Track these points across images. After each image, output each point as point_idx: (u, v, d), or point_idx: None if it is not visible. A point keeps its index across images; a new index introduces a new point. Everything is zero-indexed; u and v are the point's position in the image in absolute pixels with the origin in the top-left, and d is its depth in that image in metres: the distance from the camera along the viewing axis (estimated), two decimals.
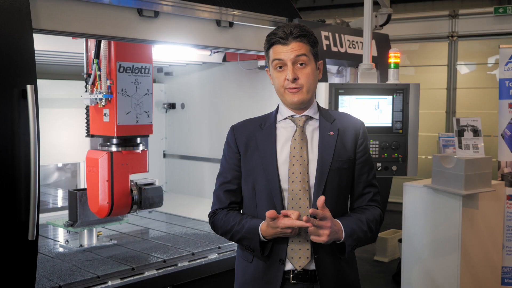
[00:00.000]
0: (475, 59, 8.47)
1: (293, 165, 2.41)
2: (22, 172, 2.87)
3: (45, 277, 3.69)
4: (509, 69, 5.04)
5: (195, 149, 6.12)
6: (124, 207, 4.11)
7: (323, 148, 2.45)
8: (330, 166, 2.42)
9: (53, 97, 5.34)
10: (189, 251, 4.30)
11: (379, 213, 2.54)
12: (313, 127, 2.50)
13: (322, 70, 2.57)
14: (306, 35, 2.42)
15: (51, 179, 6.12)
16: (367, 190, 2.55)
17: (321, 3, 11.92)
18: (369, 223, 2.45)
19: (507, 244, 5.02)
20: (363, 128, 2.54)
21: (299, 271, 2.40)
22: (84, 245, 4.42)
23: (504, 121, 5.05)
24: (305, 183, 2.40)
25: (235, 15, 4.10)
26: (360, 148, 2.51)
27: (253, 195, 2.50)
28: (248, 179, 2.51)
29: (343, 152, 2.46)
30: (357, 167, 2.52)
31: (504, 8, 7.51)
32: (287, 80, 2.39)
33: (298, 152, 2.43)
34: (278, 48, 2.41)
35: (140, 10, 3.52)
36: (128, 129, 4.05)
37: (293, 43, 2.38)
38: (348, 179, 2.51)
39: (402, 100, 4.02)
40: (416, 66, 9.01)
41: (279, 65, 2.41)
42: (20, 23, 2.86)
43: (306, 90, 2.42)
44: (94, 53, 3.93)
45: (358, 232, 2.40)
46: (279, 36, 2.40)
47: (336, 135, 2.47)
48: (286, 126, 2.51)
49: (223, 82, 5.79)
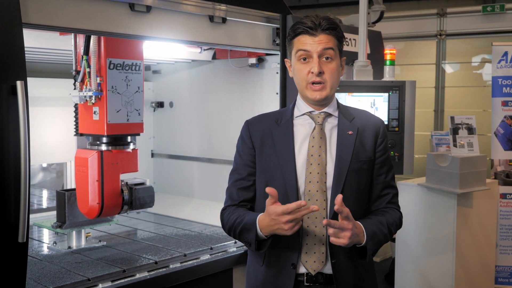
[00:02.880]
0: (463, 57, 8.48)
1: (310, 165, 2.31)
2: (12, 172, 2.75)
3: (34, 280, 3.57)
4: (502, 67, 5.03)
5: (183, 148, 6.02)
6: (115, 208, 4.01)
7: (341, 148, 2.35)
8: (349, 167, 2.33)
9: (40, 96, 5.22)
10: (181, 252, 4.21)
11: (399, 216, 2.47)
12: (331, 125, 2.41)
13: (344, 67, 2.46)
14: (336, 28, 2.32)
15: (36, 179, 6.00)
16: (385, 191, 2.46)
17: (307, 2, 11.89)
18: (389, 226, 2.38)
19: (500, 243, 5.01)
20: (383, 127, 2.46)
21: (312, 274, 2.30)
22: (73, 247, 4.30)
23: (497, 119, 5.05)
24: (322, 183, 2.30)
25: (228, 11, 4.02)
26: (379, 147, 2.43)
27: (265, 193, 2.35)
28: (262, 177, 2.41)
29: (362, 152, 2.38)
30: (376, 167, 2.43)
31: (492, 7, 7.52)
32: (311, 73, 2.28)
33: (316, 151, 2.33)
34: (305, 39, 2.30)
35: (132, 4, 3.42)
36: (119, 128, 3.93)
37: (322, 35, 2.28)
38: (368, 181, 2.42)
39: (398, 97, 3.98)
40: (403, 65, 8.99)
41: (303, 56, 2.30)
42: (9, 17, 2.75)
43: (329, 86, 2.32)
44: (83, 50, 3.82)
45: (379, 235, 2.32)
46: (308, 26, 2.28)
47: (355, 134, 2.38)
48: (304, 123, 2.40)
49: (213, 80, 5.70)
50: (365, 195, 2.43)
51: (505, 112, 4.98)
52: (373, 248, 2.29)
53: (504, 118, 5.01)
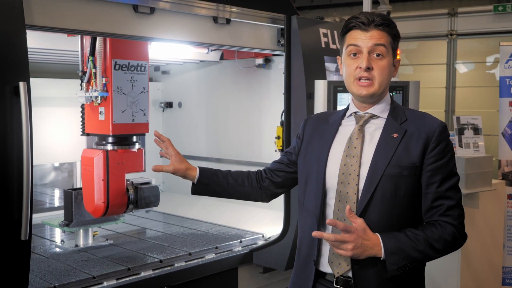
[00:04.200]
0: (474, 57, 8.43)
1: (344, 165, 2.22)
2: (15, 171, 2.80)
3: (40, 277, 3.63)
4: (509, 67, 5.00)
5: (192, 148, 6.06)
6: (120, 207, 4.05)
7: (380, 150, 2.20)
8: (384, 171, 2.16)
9: (49, 96, 5.29)
10: (186, 251, 4.25)
11: (450, 232, 2.17)
12: (376, 126, 2.27)
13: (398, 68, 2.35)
14: (390, 25, 2.23)
15: (48, 178, 6.07)
16: (438, 202, 2.19)
17: (319, 2, 11.87)
18: (431, 242, 2.15)
19: (508, 244, 4.98)
20: (439, 130, 2.20)
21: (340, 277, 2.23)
22: (80, 245, 4.37)
23: (505, 119, 5.01)
24: (354, 186, 2.19)
25: (232, 12, 4.05)
26: (431, 153, 2.18)
27: (304, 189, 2.38)
28: (303, 173, 2.41)
29: (405, 157, 2.18)
30: (426, 176, 2.19)
31: (504, 6, 7.47)
32: (359, 68, 2.19)
33: (351, 152, 2.23)
34: (356, 34, 2.21)
35: (135, 6, 3.46)
36: (124, 128, 3.98)
37: (374, 30, 2.19)
38: (411, 189, 2.19)
39: (402, 97, 3.96)
40: (415, 65, 8.96)
41: (353, 51, 2.22)
42: (13, 19, 2.80)
43: (378, 84, 2.20)
44: (89, 51, 3.87)
45: (409, 251, 2.12)
46: (360, 21, 2.21)
47: (400, 137, 2.20)
48: (350, 123, 2.32)
49: (221, 80, 5.74)
50: (405, 205, 2.20)
51: None
52: (398, 264, 2.10)
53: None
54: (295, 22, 4.31)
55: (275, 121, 4.75)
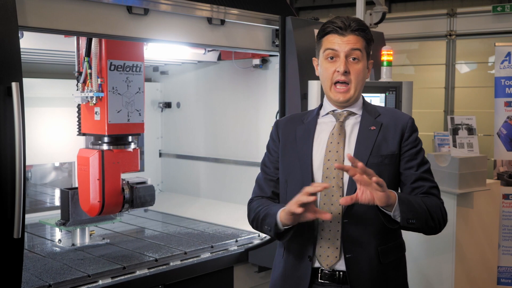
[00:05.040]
0: (473, 58, 8.43)
1: (328, 161, 2.31)
2: (8, 170, 2.84)
3: (36, 276, 3.67)
4: (505, 67, 5.01)
5: (190, 148, 6.10)
6: (116, 206, 4.09)
7: (361, 142, 2.32)
8: (367, 161, 2.27)
9: (50, 96, 5.33)
10: (182, 250, 4.28)
11: (439, 203, 2.32)
12: (354, 122, 2.39)
13: (371, 69, 2.44)
14: (365, 30, 2.33)
15: (48, 178, 6.11)
16: (418, 183, 2.33)
17: (321, 3, 11.87)
18: (428, 207, 2.24)
19: (503, 243, 4.99)
20: (411, 123, 2.38)
21: (327, 271, 2.29)
22: (77, 244, 4.41)
23: (500, 119, 5.02)
24: (339, 179, 2.28)
25: (226, 13, 4.08)
26: (406, 142, 2.35)
27: (285, 187, 2.43)
28: (284, 172, 2.44)
29: (384, 147, 2.32)
30: (403, 162, 2.35)
31: (502, 7, 7.47)
32: (337, 72, 2.29)
33: (334, 147, 2.32)
34: (334, 38, 2.30)
35: (129, 7, 3.50)
36: (119, 128, 4.03)
37: (351, 35, 2.29)
38: (392, 177, 2.34)
39: (395, 98, 3.99)
40: (416, 65, 8.96)
41: (331, 55, 2.31)
42: (5, 20, 2.84)
43: (354, 87, 2.32)
44: (85, 51, 3.91)
45: (415, 205, 2.19)
46: (337, 26, 2.29)
47: (378, 129, 2.34)
48: (327, 121, 2.41)
49: (218, 81, 5.77)
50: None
51: (508, 112, 4.96)
52: (407, 216, 2.16)
53: (507, 119, 4.98)
54: (290, 23, 4.34)
55: (272, 121, 4.77)
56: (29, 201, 5.82)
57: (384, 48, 4.15)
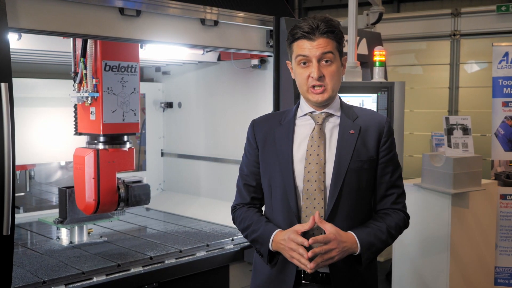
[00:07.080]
0: (478, 57, 8.38)
1: (309, 164, 2.32)
2: None
3: (31, 272, 3.73)
4: (502, 67, 5.00)
5: (191, 148, 6.14)
6: (111, 205, 4.15)
7: (341, 147, 2.34)
8: (348, 166, 2.31)
9: (50, 96, 5.40)
10: (177, 248, 4.33)
11: (402, 218, 2.42)
12: (333, 125, 2.40)
13: (345, 66, 2.47)
14: (334, 31, 2.31)
15: (54, 177, 6.19)
16: (390, 191, 2.42)
17: (330, 2, 11.86)
18: (390, 230, 2.35)
19: (500, 244, 4.98)
20: (387, 126, 2.41)
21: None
22: (74, 242, 4.47)
23: (498, 119, 5.02)
24: (320, 182, 2.30)
25: (219, 14, 4.11)
26: (383, 147, 2.39)
27: (269, 191, 2.45)
28: (265, 176, 2.46)
29: (364, 152, 2.35)
30: (380, 167, 2.39)
31: (507, 6, 7.42)
32: (311, 77, 2.30)
33: (315, 151, 2.34)
34: (303, 43, 2.29)
35: (121, 9, 3.55)
36: (114, 127, 4.08)
37: (320, 39, 2.27)
38: (370, 180, 2.39)
39: (387, 98, 4.01)
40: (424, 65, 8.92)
41: (303, 61, 2.31)
42: None
43: (330, 89, 2.32)
44: (81, 52, 3.97)
45: (377, 244, 2.31)
46: (305, 31, 2.28)
47: (357, 133, 2.36)
48: (305, 123, 2.42)
49: (218, 81, 5.81)
50: (366, 195, 2.40)
51: (506, 112, 4.95)
52: (370, 258, 2.29)
53: (505, 119, 4.97)
54: (284, 23, 4.36)
55: None
56: (34, 199, 5.92)
57: (377, 49, 4.17)
